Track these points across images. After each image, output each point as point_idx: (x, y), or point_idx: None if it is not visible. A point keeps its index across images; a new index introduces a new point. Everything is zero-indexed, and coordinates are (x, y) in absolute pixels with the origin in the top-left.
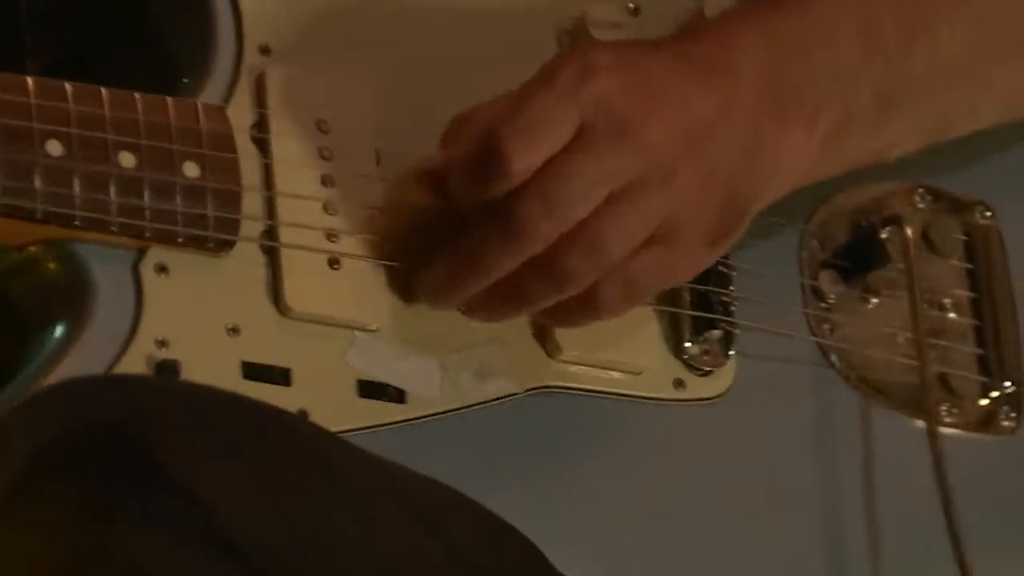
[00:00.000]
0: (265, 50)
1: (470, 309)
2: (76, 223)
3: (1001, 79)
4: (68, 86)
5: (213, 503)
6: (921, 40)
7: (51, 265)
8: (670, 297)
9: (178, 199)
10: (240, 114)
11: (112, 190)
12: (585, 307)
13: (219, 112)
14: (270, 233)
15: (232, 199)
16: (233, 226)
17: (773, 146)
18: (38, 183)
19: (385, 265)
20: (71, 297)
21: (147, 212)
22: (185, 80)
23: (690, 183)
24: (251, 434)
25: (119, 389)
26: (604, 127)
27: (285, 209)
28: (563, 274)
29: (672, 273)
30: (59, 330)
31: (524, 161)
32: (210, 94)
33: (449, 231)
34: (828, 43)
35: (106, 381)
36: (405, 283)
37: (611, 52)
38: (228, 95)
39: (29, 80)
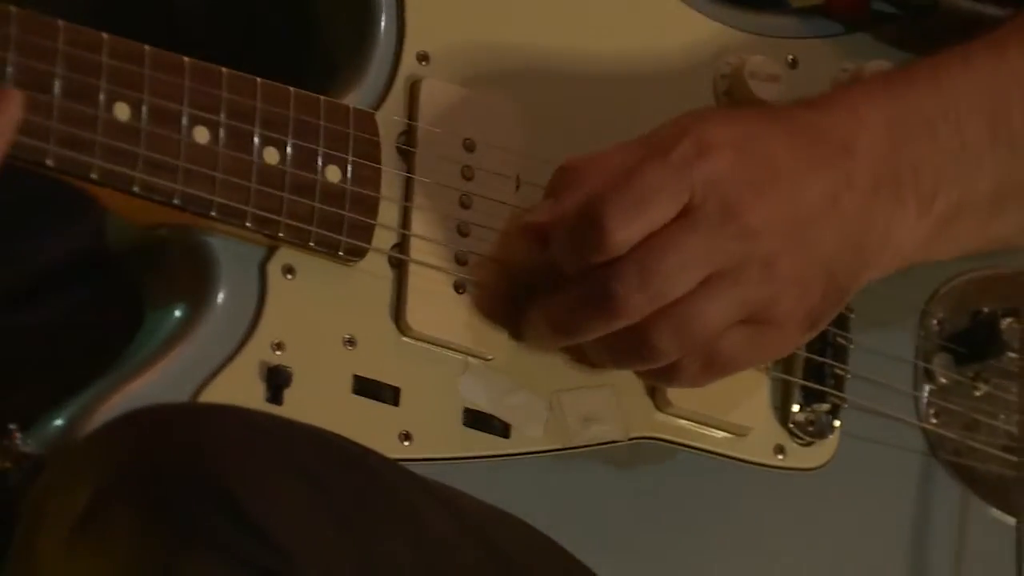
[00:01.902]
0: (424, 57)
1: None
2: (212, 213)
3: None
4: (224, 72)
5: (289, 547)
6: None
7: (179, 250)
8: (785, 363)
9: (316, 200)
10: (389, 121)
11: (252, 184)
12: (665, 374)
13: (369, 118)
14: (401, 247)
15: (369, 206)
16: (366, 233)
17: (884, 225)
18: (181, 166)
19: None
20: (195, 285)
21: (283, 209)
22: (342, 74)
23: (791, 270)
24: (330, 475)
25: (197, 420)
26: (712, 209)
27: (420, 223)
28: (650, 348)
29: (760, 354)
30: (178, 313)
31: (625, 234)
32: (364, 94)
33: (547, 283)
34: (954, 126)
35: (177, 411)
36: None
37: (729, 128)
38: (381, 99)
39: (186, 61)
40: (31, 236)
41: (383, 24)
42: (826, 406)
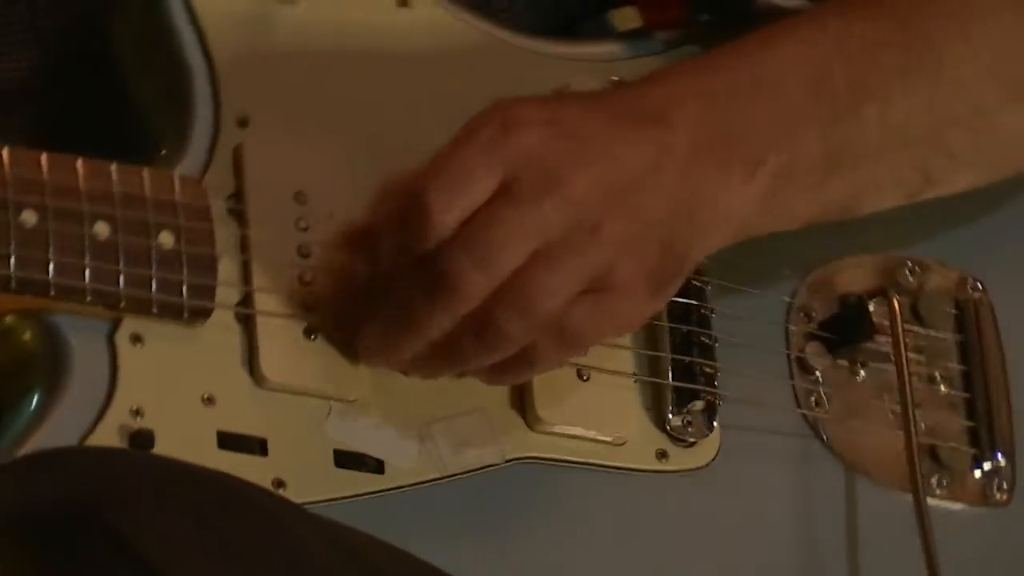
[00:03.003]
0: (243, 122)
1: (410, 368)
2: (51, 292)
3: (960, 142)
4: (43, 156)
5: None
6: (875, 99)
7: (26, 335)
8: (652, 367)
9: (153, 267)
10: (217, 185)
11: (86, 258)
12: (521, 362)
13: (195, 184)
14: (246, 302)
15: (208, 267)
16: (208, 293)
17: (711, 193)
18: (12, 251)
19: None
20: (46, 367)
21: (121, 280)
22: (163, 152)
23: (620, 235)
24: (214, 508)
25: (84, 463)
26: (528, 181)
27: (261, 277)
28: (496, 333)
29: (612, 323)
30: (34, 400)
31: (446, 215)
32: (188, 165)
33: (380, 294)
34: (770, 95)
35: (71, 454)
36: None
37: (537, 105)
38: (205, 166)
39: (4, 151)
40: None
41: (198, 96)
42: (700, 404)
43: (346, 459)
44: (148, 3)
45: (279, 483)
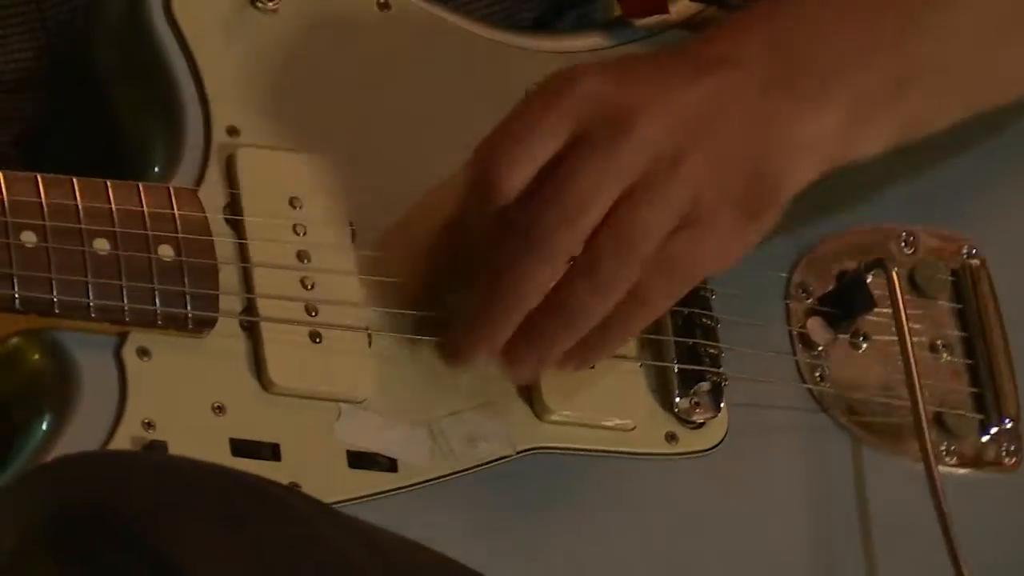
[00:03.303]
0: (233, 131)
1: (515, 358)
2: (55, 311)
3: (1005, 59)
4: (39, 178)
5: None
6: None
7: (34, 355)
8: (656, 351)
9: (155, 279)
10: (212, 196)
11: (88, 275)
12: (637, 308)
13: (191, 195)
14: (249, 309)
15: (209, 275)
16: (211, 303)
17: (787, 126)
18: (15, 271)
19: (370, 335)
20: (55, 385)
21: (124, 295)
22: (156, 168)
23: (698, 167)
24: (239, 509)
25: (107, 467)
26: (600, 128)
27: (263, 284)
28: (602, 276)
29: (715, 253)
30: (46, 420)
31: (514, 173)
32: (181, 178)
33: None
34: (833, 26)
35: (94, 458)
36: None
37: (595, 63)
38: (199, 178)
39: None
40: None
41: (187, 108)
42: (707, 385)
43: (359, 459)
44: (129, 11)
45: (294, 486)
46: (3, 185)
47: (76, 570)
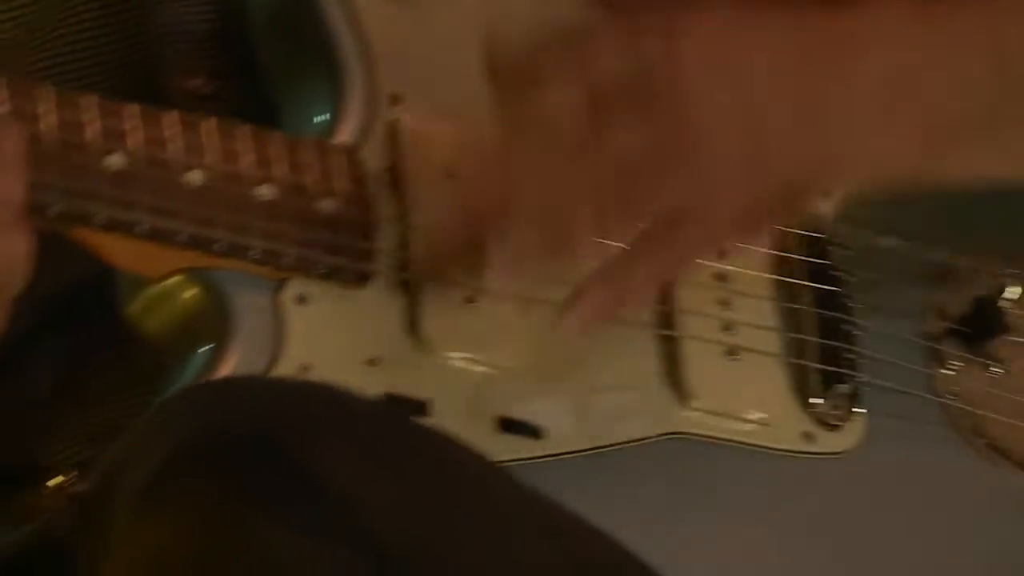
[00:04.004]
0: (396, 99)
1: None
2: (219, 250)
3: None
4: (209, 122)
5: (354, 500)
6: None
7: (192, 293)
8: (798, 350)
9: (317, 230)
10: (374, 156)
11: (252, 218)
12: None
13: (354, 152)
14: (406, 267)
15: (369, 232)
16: (371, 258)
17: (866, 125)
18: (182, 206)
19: (523, 304)
20: (213, 324)
21: (286, 241)
22: (317, 123)
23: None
24: (392, 436)
25: (264, 389)
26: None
27: (419, 244)
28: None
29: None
30: (200, 357)
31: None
32: (343, 138)
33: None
34: (950, 52)
35: (249, 381)
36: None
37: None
38: (361, 139)
39: (175, 115)
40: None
41: (352, 72)
42: (845, 388)
43: (507, 424)
44: None
45: None
46: (180, 125)
47: (225, 483)
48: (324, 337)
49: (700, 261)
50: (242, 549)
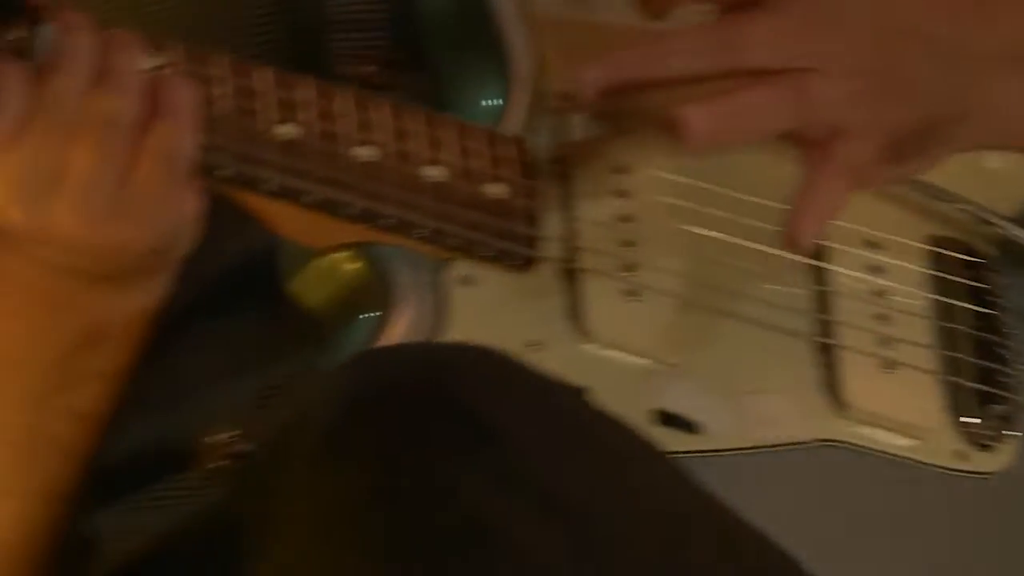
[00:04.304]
0: (566, 95)
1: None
2: (387, 225)
3: None
4: (381, 101)
5: (536, 458)
6: None
7: (356, 267)
8: (954, 368)
9: (483, 213)
10: (542, 147)
11: (422, 197)
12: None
13: (522, 142)
14: (570, 257)
15: (535, 219)
16: (536, 244)
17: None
18: (353, 181)
19: (683, 303)
20: (377, 298)
21: (454, 221)
22: (485, 104)
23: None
24: (572, 408)
25: (438, 348)
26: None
27: (586, 236)
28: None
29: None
30: (365, 326)
31: None
32: (511, 128)
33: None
34: None
35: (424, 343)
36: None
37: None
38: (530, 130)
39: (347, 90)
40: (211, 241)
41: (523, 66)
42: (1000, 409)
43: (663, 418)
44: None
45: None
46: (353, 101)
47: (408, 431)
48: (486, 318)
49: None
50: (432, 490)
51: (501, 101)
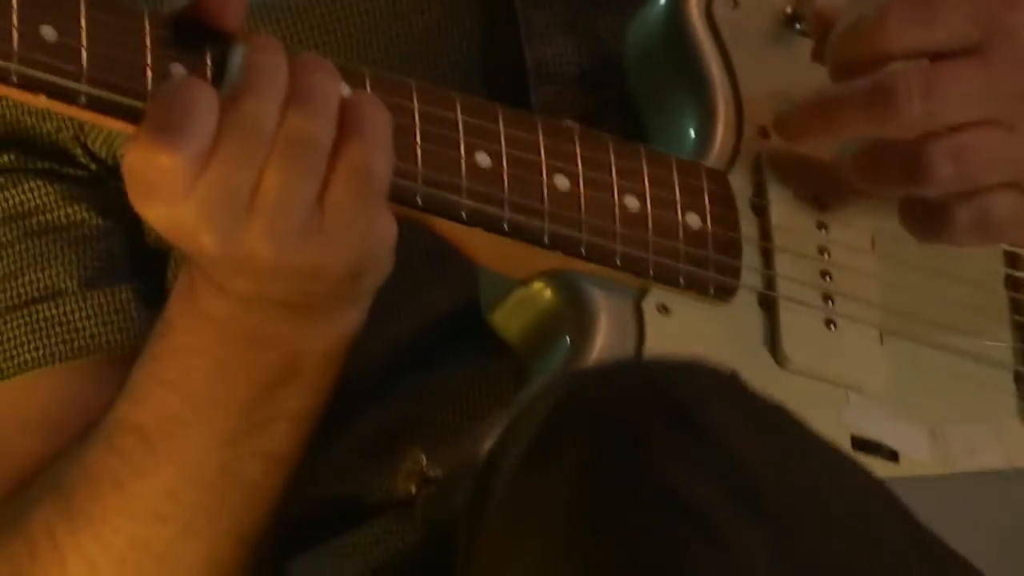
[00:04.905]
0: (764, 132)
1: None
2: (581, 251)
3: None
4: (576, 128)
5: (746, 464)
6: None
7: (553, 294)
8: None
9: (680, 241)
10: (740, 181)
11: (617, 225)
12: (933, 220)
13: (721, 176)
14: (768, 285)
15: (733, 248)
16: (734, 273)
17: None
18: (545, 209)
19: (880, 332)
20: (575, 325)
21: (650, 249)
22: (685, 148)
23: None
24: (782, 421)
25: (647, 363)
26: (1006, 58)
27: (783, 265)
28: (922, 164)
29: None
30: (563, 353)
31: (902, 36)
32: (712, 161)
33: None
34: None
35: (627, 360)
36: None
37: None
38: (729, 165)
39: (538, 121)
40: (419, 288)
41: (722, 104)
42: None
43: (862, 444)
44: (669, 15)
45: None
46: (544, 130)
47: (618, 431)
48: (684, 346)
49: None
50: (648, 488)
51: (702, 135)
